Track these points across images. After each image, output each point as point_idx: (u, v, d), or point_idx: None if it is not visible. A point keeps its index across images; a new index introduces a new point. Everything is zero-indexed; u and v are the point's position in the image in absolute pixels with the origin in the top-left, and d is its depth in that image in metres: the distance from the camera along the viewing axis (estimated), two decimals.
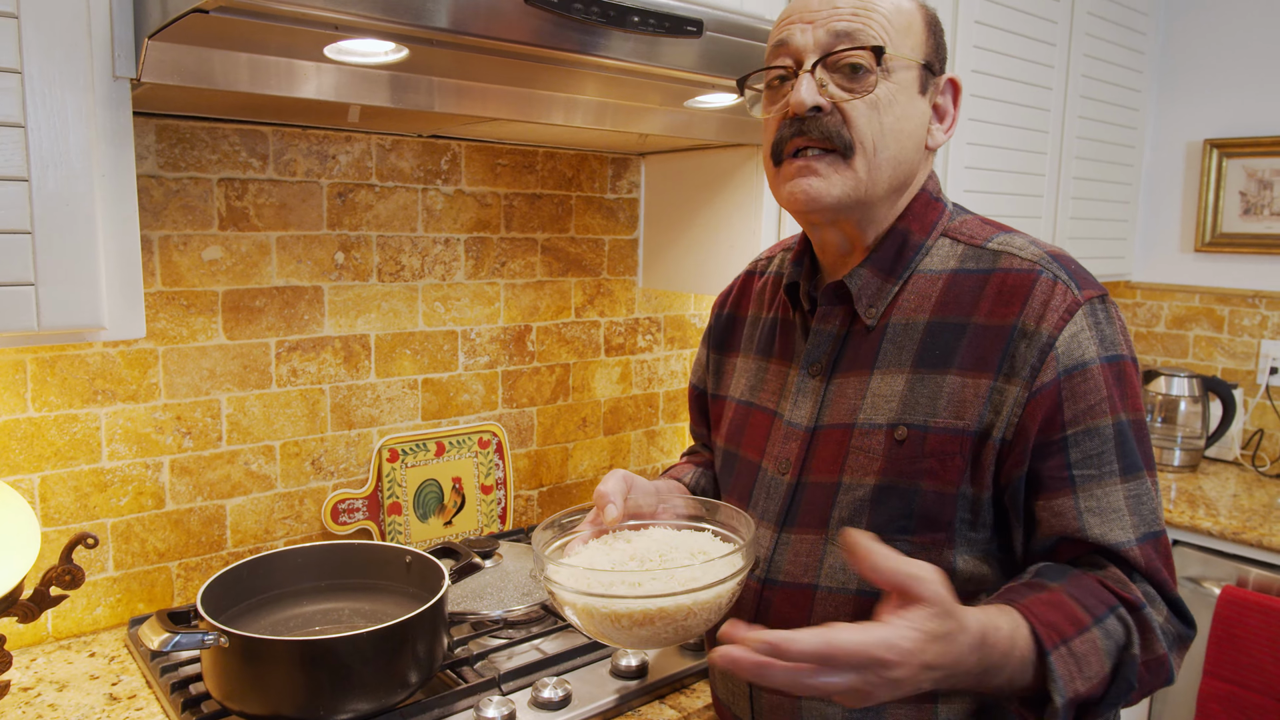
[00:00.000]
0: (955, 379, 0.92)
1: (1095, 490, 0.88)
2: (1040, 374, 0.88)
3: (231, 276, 1.51)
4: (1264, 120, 2.61)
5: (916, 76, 0.96)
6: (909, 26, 0.96)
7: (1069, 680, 0.79)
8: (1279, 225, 2.60)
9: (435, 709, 1.17)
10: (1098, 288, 0.93)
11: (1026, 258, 0.93)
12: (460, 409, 1.83)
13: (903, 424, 0.93)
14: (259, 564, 1.32)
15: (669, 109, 1.48)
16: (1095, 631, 0.82)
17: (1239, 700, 2.02)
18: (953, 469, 0.91)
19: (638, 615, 0.86)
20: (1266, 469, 2.54)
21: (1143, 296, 2.90)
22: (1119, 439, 0.89)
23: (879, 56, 0.92)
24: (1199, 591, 2.15)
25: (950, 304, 0.95)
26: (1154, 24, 2.73)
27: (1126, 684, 0.82)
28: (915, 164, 0.99)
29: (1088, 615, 0.82)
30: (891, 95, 0.94)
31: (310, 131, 1.57)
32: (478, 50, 1.09)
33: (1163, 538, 0.90)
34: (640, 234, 2.08)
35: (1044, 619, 0.80)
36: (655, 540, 0.98)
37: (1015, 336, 0.90)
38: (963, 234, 0.99)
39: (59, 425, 1.37)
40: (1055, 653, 0.79)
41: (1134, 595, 0.86)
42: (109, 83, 1.03)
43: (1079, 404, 0.88)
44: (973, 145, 2.09)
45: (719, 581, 0.88)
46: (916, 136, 0.98)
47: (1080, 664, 0.80)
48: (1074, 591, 0.84)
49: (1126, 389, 0.91)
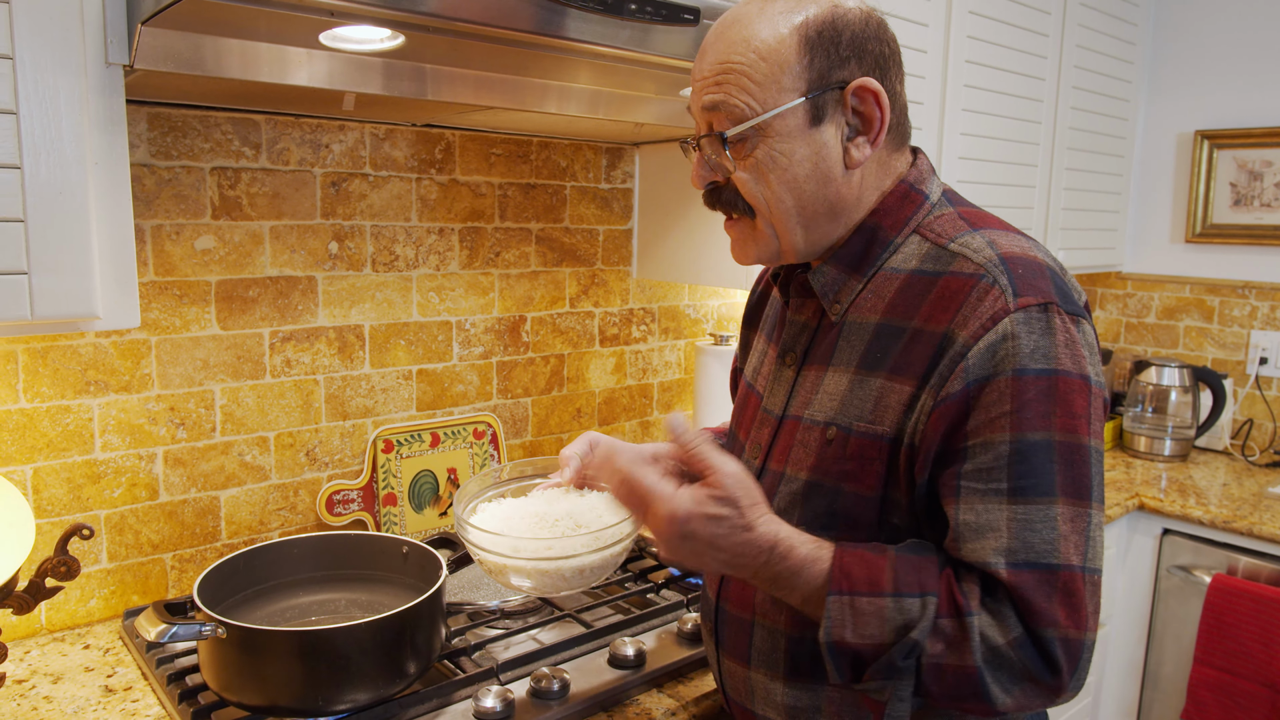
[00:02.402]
0: (883, 383, 0.91)
1: (976, 504, 0.85)
2: (948, 383, 0.86)
3: (225, 266, 1.50)
4: (1254, 111, 2.63)
5: (802, 112, 0.91)
6: (777, 67, 0.90)
7: (838, 625, 0.84)
8: (1269, 216, 2.61)
9: (433, 699, 1.17)
10: (1042, 295, 0.86)
11: (977, 261, 0.89)
12: (455, 399, 1.82)
13: (834, 424, 0.94)
14: (255, 555, 1.31)
15: (664, 98, 1.47)
16: (887, 600, 0.84)
17: (1229, 687, 2.03)
18: (871, 474, 0.91)
19: (512, 568, 0.99)
20: (1256, 458, 2.55)
21: (1134, 287, 2.91)
22: (1015, 458, 0.83)
23: (745, 125, 0.91)
24: (1190, 580, 2.17)
25: (899, 306, 0.92)
26: (1145, 15, 2.74)
27: (890, 663, 0.83)
28: (833, 196, 0.94)
29: (891, 585, 0.84)
30: (772, 154, 0.92)
31: (304, 120, 1.56)
32: (473, 37, 1.08)
33: (1058, 574, 0.82)
34: (635, 224, 2.07)
35: (846, 567, 0.85)
36: (581, 505, 1.06)
37: (943, 344, 0.87)
38: (932, 231, 0.95)
39: (51, 416, 1.36)
40: (836, 596, 0.84)
41: (964, 601, 0.83)
42: (101, 69, 1.01)
43: (981, 415, 0.84)
44: (966, 135, 2.10)
45: (577, 554, 0.97)
46: (820, 174, 0.93)
47: (857, 618, 0.84)
48: (901, 564, 0.85)
49: (1054, 406, 0.84)
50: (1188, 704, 2.10)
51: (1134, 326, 2.93)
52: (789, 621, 0.96)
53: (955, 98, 2.04)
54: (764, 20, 0.91)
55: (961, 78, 2.05)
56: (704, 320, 2.25)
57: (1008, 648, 0.82)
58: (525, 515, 1.03)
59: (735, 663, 1.03)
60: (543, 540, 0.98)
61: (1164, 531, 2.23)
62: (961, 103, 2.06)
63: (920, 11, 1.93)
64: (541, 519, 1.02)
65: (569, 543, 0.98)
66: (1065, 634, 0.82)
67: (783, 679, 0.98)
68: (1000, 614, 0.83)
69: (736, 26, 0.92)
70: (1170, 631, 2.24)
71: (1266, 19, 2.59)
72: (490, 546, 0.99)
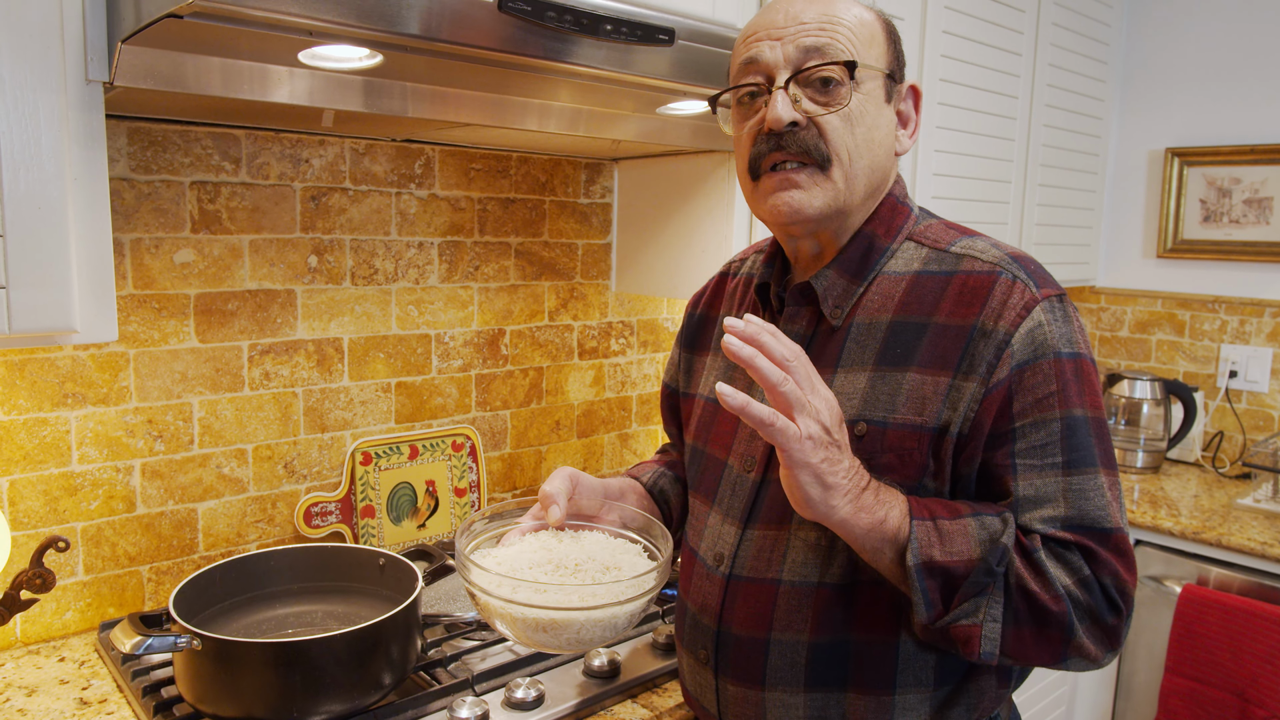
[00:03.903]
0: (915, 376, 0.94)
1: (1035, 480, 0.90)
2: (996, 370, 0.91)
3: (204, 279, 1.51)
4: (1224, 129, 2.68)
5: (882, 86, 0.99)
6: (872, 38, 0.98)
7: (925, 545, 0.87)
8: (1238, 232, 2.66)
9: (409, 710, 1.17)
10: (1056, 287, 0.95)
11: (988, 260, 0.96)
12: (434, 412, 1.83)
13: (863, 420, 0.95)
14: (231, 567, 1.32)
15: (642, 115, 1.49)
16: (969, 520, 0.89)
17: (1199, 696, 2.06)
18: (912, 464, 0.93)
19: (531, 622, 0.91)
20: (1226, 470, 2.59)
21: (1107, 301, 2.96)
22: (1066, 433, 0.90)
23: (851, 71, 0.94)
24: (1161, 590, 2.20)
25: (913, 304, 0.97)
26: (1117, 35, 2.79)
27: (984, 573, 0.86)
28: (887, 170, 1.02)
29: (970, 509, 0.89)
30: (863, 107, 0.97)
31: (283, 135, 1.57)
32: (451, 57, 1.10)
33: (1111, 535, 0.89)
34: (613, 238, 2.09)
35: (924, 503, 0.90)
36: (584, 547, 1.02)
37: (975, 335, 0.92)
38: (927, 238, 1.02)
39: (28, 428, 1.37)
40: (919, 521, 0.88)
41: (1029, 543, 0.88)
42: (81, 86, 1.03)
43: (1028, 397, 0.90)
44: (940, 152, 2.13)
45: (615, 603, 0.91)
46: (886, 144, 1.01)
47: (943, 537, 0.87)
48: (975, 505, 0.91)
49: (1084, 385, 0.92)
50: (1159, 713, 2.12)
51: (1107, 340, 2.97)
52: (813, 628, 0.96)
53: (930, 115, 2.08)
54: (852, 3, 0.99)
55: (936, 95, 2.08)
56: None
57: (1075, 586, 0.88)
58: (534, 562, 0.98)
59: (744, 687, 1.01)
60: (590, 587, 0.93)
61: (1136, 542, 2.26)
62: (936, 120, 2.09)
63: None
64: (559, 565, 0.97)
65: (607, 590, 0.92)
66: (1122, 583, 0.89)
67: (804, 690, 0.97)
68: (1065, 559, 0.89)
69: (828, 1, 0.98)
70: (1143, 641, 2.27)
71: (1235, 39, 2.65)
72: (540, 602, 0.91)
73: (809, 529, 0.97)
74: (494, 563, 0.98)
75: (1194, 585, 2.11)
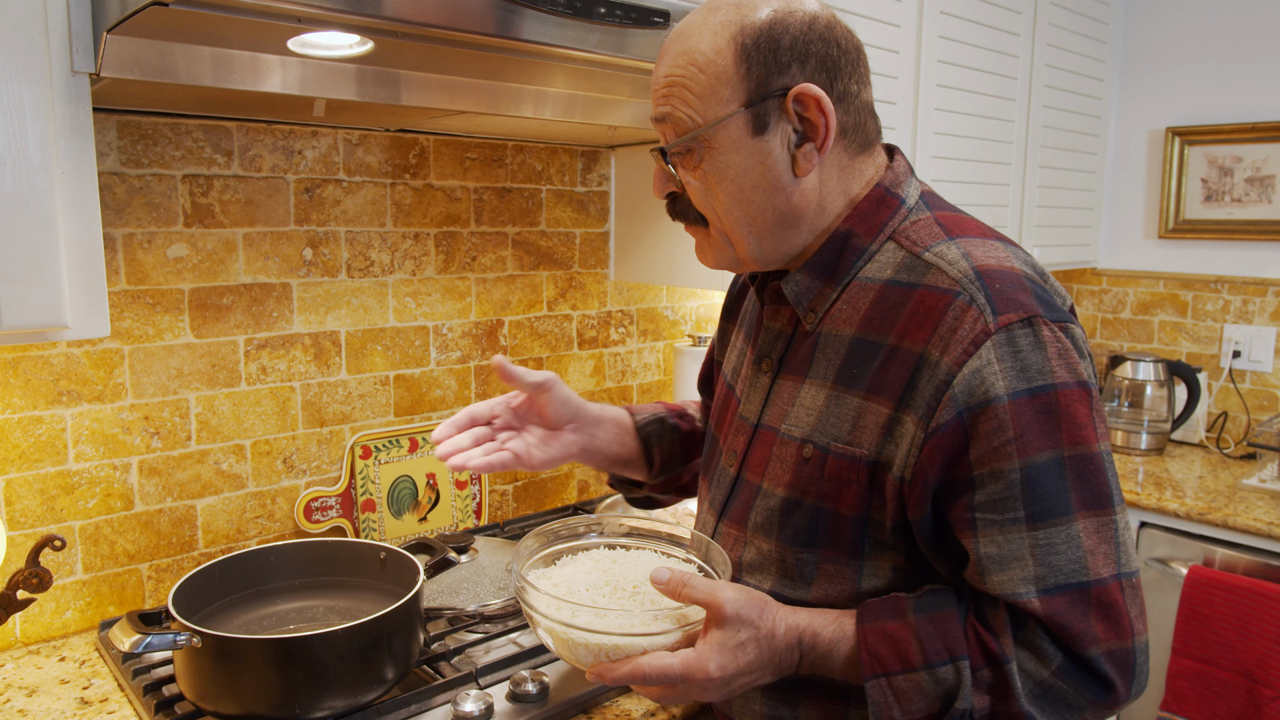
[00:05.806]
0: (860, 402, 0.89)
1: (996, 536, 0.83)
2: (937, 413, 0.83)
3: (198, 274, 1.50)
4: (1224, 108, 2.66)
5: (744, 123, 0.89)
6: (716, 79, 0.89)
7: (885, 707, 0.85)
8: (1240, 211, 2.64)
9: (412, 704, 1.16)
10: (1024, 309, 0.84)
11: (951, 275, 0.87)
12: (433, 405, 1.82)
13: (810, 442, 0.93)
14: (231, 563, 1.31)
15: (638, 100, 1.48)
16: (922, 675, 0.84)
17: (1206, 677, 2.06)
18: (850, 494, 0.89)
19: (594, 647, 0.89)
20: (1230, 451, 2.58)
21: (1109, 283, 2.94)
22: (1027, 484, 0.81)
23: (694, 138, 0.91)
24: (1167, 572, 2.19)
25: (875, 319, 0.90)
26: (1115, 14, 2.77)
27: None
28: (784, 205, 0.92)
29: (920, 658, 0.84)
30: (717, 165, 0.91)
31: (275, 126, 1.55)
32: (443, 42, 1.08)
33: (1090, 591, 0.82)
34: (611, 227, 2.08)
35: (873, 649, 0.86)
36: (638, 568, 1.01)
37: (920, 364, 0.85)
38: (908, 238, 0.93)
39: (23, 427, 1.35)
40: (873, 681, 0.85)
41: (997, 648, 0.83)
42: (67, 78, 1.01)
43: (983, 445, 0.82)
44: (940, 135, 2.11)
45: (674, 629, 0.89)
46: (767, 183, 0.91)
47: (900, 698, 0.85)
48: (923, 630, 0.85)
49: (1057, 422, 0.82)
50: (1166, 694, 2.12)
51: (1109, 322, 2.95)
52: None
53: (928, 97, 2.06)
54: (705, 32, 0.89)
55: (934, 77, 2.06)
56: (682, 321, 2.26)
57: (1053, 678, 0.83)
58: (590, 584, 0.98)
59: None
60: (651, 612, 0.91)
61: (1141, 524, 2.25)
62: (935, 102, 2.08)
63: (891, 12, 1.94)
64: (616, 587, 0.97)
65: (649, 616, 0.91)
66: (1109, 648, 0.82)
67: (760, 691, 0.97)
68: (1037, 647, 0.83)
69: (681, 39, 0.92)
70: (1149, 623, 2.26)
71: (1234, 17, 2.62)
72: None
73: (762, 539, 0.96)
74: (550, 584, 0.98)
75: (1200, 567, 2.11)
